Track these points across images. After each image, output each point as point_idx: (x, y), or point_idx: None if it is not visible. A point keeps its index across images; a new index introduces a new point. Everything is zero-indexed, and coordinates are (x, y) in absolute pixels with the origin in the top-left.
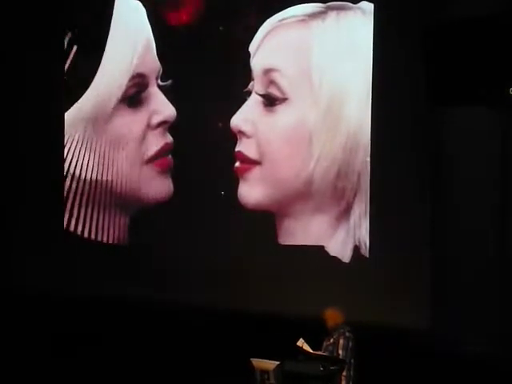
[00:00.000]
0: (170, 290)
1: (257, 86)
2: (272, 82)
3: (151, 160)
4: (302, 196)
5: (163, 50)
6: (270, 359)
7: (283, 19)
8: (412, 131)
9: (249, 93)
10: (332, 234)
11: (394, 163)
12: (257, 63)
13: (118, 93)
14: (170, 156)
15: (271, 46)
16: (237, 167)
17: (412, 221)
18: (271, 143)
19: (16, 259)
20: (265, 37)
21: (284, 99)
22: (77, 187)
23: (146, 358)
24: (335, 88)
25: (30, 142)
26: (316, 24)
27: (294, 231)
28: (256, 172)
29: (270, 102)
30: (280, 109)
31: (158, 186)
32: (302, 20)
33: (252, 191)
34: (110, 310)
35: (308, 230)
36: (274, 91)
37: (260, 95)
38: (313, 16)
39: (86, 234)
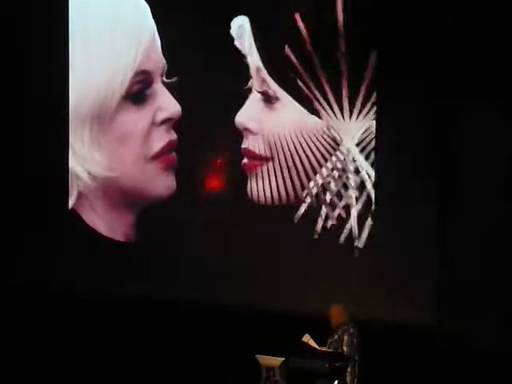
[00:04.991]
0: (174, 288)
1: (255, 83)
2: (264, 81)
3: (155, 157)
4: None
5: (168, 47)
6: (275, 356)
7: None
8: (418, 130)
9: (250, 90)
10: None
11: (399, 163)
12: (251, 61)
13: (122, 89)
14: (174, 153)
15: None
16: (244, 164)
17: (418, 220)
18: (278, 138)
19: (22, 256)
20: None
21: (276, 98)
22: (84, 184)
23: (153, 356)
24: None
25: (34, 138)
26: None
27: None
28: (264, 168)
29: (267, 99)
30: (277, 106)
31: (161, 183)
32: None
33: (261, 187)
34: (117, 308)
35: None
36: (267, 89)
37: (259, 92)
38: None
39: (90, 232)
